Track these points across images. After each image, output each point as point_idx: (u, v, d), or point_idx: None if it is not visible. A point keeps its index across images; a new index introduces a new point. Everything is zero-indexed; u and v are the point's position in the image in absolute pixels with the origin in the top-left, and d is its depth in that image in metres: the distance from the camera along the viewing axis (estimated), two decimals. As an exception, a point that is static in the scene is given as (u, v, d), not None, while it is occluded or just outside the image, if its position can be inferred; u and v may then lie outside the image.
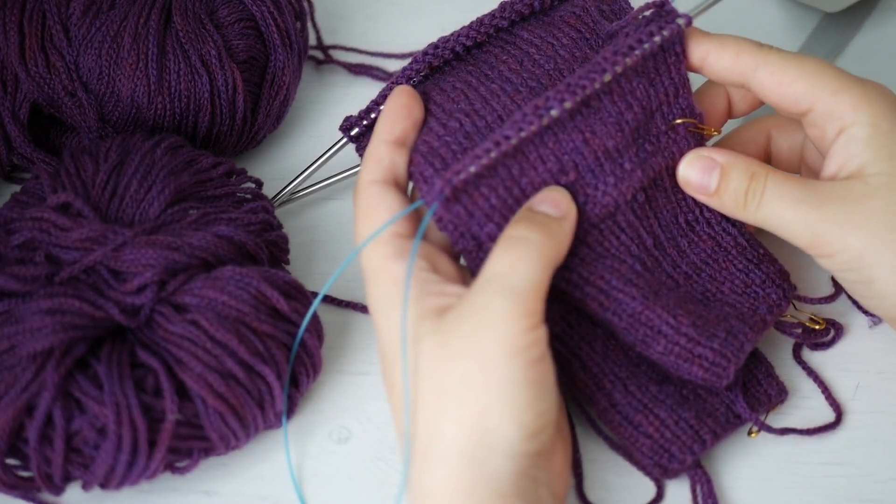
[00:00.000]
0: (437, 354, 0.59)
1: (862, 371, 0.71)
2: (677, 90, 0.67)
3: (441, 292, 0.61)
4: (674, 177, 0.68)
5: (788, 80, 0.65)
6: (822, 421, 0.69)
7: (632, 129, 0.66)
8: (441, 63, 0.73)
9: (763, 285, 0.68)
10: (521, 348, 0.58)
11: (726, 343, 0.65)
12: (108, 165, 0.71)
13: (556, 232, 0.63)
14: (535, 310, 0.60)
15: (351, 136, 0.73)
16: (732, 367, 0.65)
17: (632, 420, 0.65)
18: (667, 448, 0.65)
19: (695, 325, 0.65)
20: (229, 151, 0.82)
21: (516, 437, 0.58)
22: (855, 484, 0.66)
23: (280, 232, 0.74)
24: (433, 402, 0.59)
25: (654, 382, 0.66)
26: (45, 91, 0.78)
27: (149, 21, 0.77)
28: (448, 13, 0.94)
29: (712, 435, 0.65)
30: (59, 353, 0.63)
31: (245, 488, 0.68)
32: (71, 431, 0.63)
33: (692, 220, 0.69)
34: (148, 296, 0.66)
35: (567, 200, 0.65)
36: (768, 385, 0.68)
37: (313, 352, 0.68)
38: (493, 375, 0.58)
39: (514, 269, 0.60)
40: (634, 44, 0.64)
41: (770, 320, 0.68)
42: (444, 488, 0.58)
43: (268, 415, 0.66)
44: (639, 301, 0.65)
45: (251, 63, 0.80)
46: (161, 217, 0.70)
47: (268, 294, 0.67)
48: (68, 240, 0.67)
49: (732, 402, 0.66)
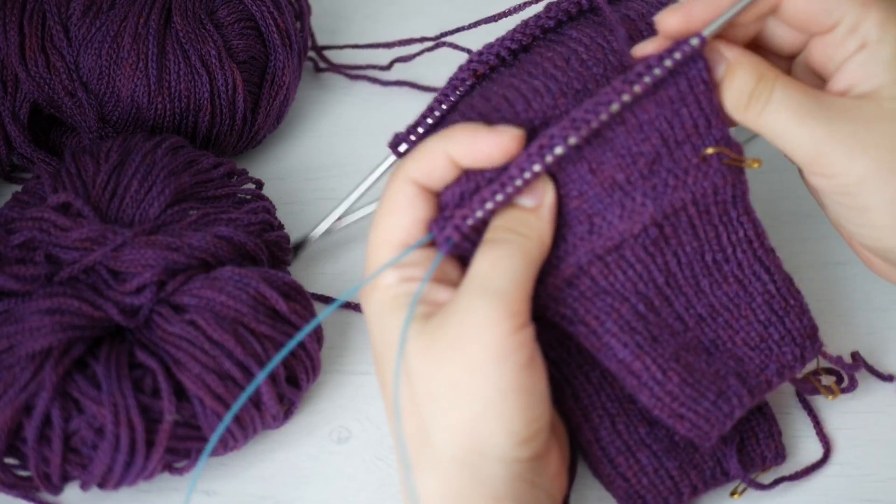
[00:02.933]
0: (424, 359, 0.58)
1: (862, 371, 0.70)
2: (708, 121, 0.62)
3: (427, 297, 0.60)
4: (705, 213, 0.63)
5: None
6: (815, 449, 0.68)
7: (648, 161, 0.61)
8: (487, 70, 0.68)
9: (780, 342, 0.64)
10: (507, 352, 0.56)
11: (713, 408, 0.62)
12: (108, 166, 0.71)
13: (535, 225, 0.60)
14: (520, 310, 0.57)
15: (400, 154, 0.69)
16: (715, 433, 0.62)
17: (612, 459, 0.64)
18: (641, 494, 0.63)
19: (684, 383, 0.61)
20: (229, 151, 0.82)
21: (507, 444, 0.57)
22: (855, 484, 0.66)
23: (280, 232, 0.74)
24: (423, 406, 0.58)
25: (645, 424, 0.65)
26: (46, 91, 0.78)
27: (149, 21, 0.77)
28: (447, 13, 0.94)
29: (691, 489, 0.63)
30: (58, 353, 0.63)
31: (245, 488, 0.68)
32: (69, 431, 0.63)
33: (721, 259, 0.64)
34: (147, 296, 0.66)
35: (541, 184, 0.61)
36: (766, 446, 0.65)
37: (313, 353, 0.68)
38: (480, 383, 0.56)
39: (494, 269, 0.58)
40: (643, 70, 0.60)
41: (776, 383, 0.64)
42: (438, 493, 0.57)
43: (265, 416, 0.66)
44: (629, 350, 0.61)
45: (251, 63, 0.80)
46: (161, 217, 0.70)
47: (267, 295, 0.67)
48: (68, 240, 0.67)
49: (724, 458, 0.65)
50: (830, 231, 0.71)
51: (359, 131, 0.86)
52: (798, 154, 0.61)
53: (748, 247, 0.64)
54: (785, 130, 0.61)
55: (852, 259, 0.71)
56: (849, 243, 0.66)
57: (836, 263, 0.76)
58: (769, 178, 0.75)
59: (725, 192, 0.63)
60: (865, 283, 0.74)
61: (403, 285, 0.60)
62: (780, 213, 0.78)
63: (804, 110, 0.60)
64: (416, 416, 0.58)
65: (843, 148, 0.60)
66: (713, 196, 0.63)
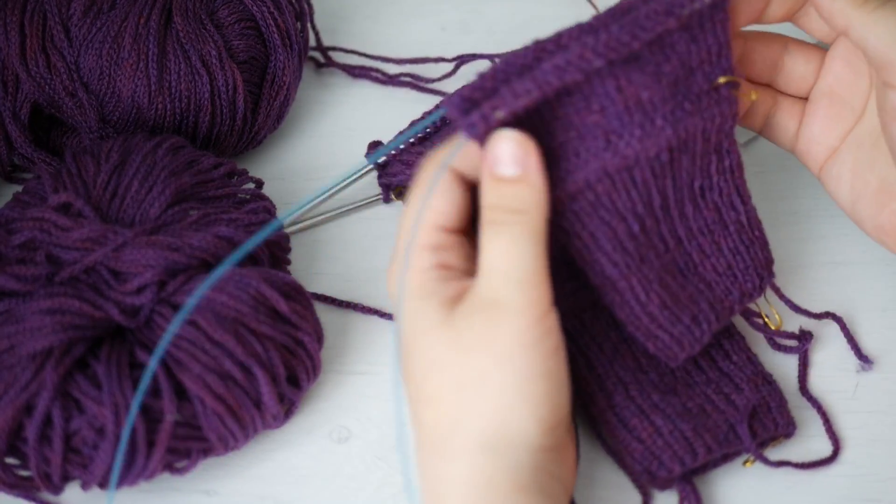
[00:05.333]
0: (451, 351, 0.58)
1: (862, 371, 0.71)
2: (720, 49, 0.63)
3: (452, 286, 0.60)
4: (707, 141, 0.64)
5: None
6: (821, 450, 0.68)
7: (670, 82, 0.62)
8: None
9: (744, 271, 0.67)
10: (535, 340, 0.58)
11: (686, 331, 0.64)
12: (109, 166, 0.71)
13: (530, 198, 0.59)
14: (542, 295, 0.58)
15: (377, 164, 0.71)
16: (684, 355, 0.65)
17: (627, 423, 0.65)
18: (657, 455, 0.64)
19: (663, 306, 0.64)
20: (229, 152, 0.82)
21: (534, 431, 0.58)
22: (855, 484, 0.66)
23: (281, 232, 0.74)
24: (451, 395, 0.58)
25: (658, 391, 0.66)
26: (46, 91, 0.78)
27: (149, 21, 0.77)
28: (448, 13, 0.95)
29: (706, 449, 0.64)
30: (59, 353, 0.63)
31: (245, 488, 0.68)
32: (70, 431, 0.63)
33: (706, 186, 0.65)
34: (147, 296, 0.66)
35: (520, 147, 0.59)
36: (778, 415, 0.66)
37: (313, 352, 0.68)
38: (509, 370, 0.57)
39: (509, 259, 0.58)
40: (686, 2, 0.61)
41: (737, 309, 0.67)
42: (465, 479, 0.58)
43: (265, 416, 0.66)
44: (618, 270, 0.63)
45: (251, 63, 0.80)
46: (161, 217, 0.70)
47: (267, 295, 0.67)
48: (69, 240, 0.67)
49: (737, 423, 0.65)
50: (830, 231, 0.71)
51: (359, 131, 0.86)
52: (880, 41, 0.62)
53: (730, 176, 0.66)
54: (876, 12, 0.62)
55: (852, 259, 0.71)
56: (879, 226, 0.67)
57: (836, 263, 0.76)
58: (769, 178, 0.75)
59: (728, 121, 0.64)
60: (865, 283, 0.74)
61: (435, 271, 0.60)
62: (779, 213, 0.78)
63: None
64: (440, 405, 0.59)
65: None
66: (718, 125, 0.64)
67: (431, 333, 0.59)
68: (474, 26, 0.94)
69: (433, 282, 0.60)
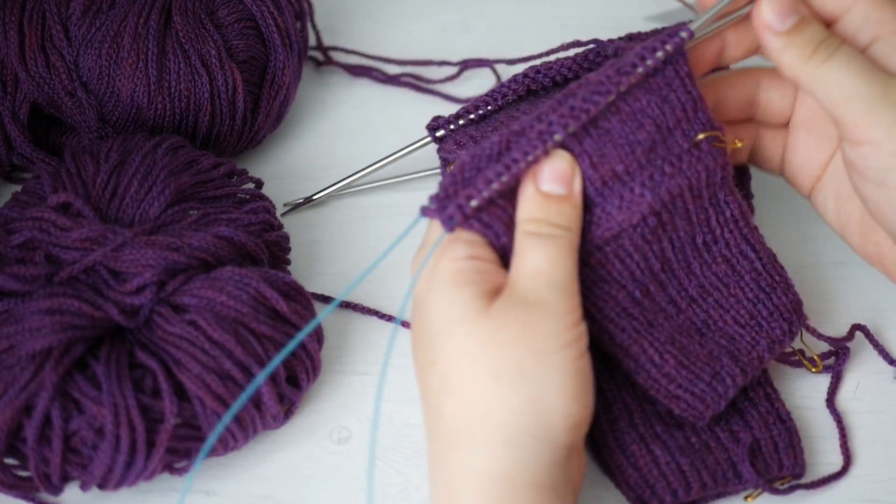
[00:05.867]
0: (488, 340, 0.59)
1: (862, 371, 0.71)
2: (694, 104, 0.64)
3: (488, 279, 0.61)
4: (698, 197, 0.65)
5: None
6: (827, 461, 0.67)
7: (645, 150, 0.63)
8: (539, 88, 0.73)
9: (769, 318, 0.66)
10: (570, 341, 0.60)
11: (708, 388, 0.64)
12: (108, 165, 0.71)
13: (573, 217, 0.63)
14: (578, 304, 0.61)
15: (436, 137, 0.75)
16: (709, 412, 0.64)
17: (626, 449, 0.65)
18: (651, 484, 0.64)
19: (680, 366, 0.64)
20: (229, 151, 0.82)
21: (560, 427, 0.59)
22: (855, 484, 0.66)
23: (281, 232, 0.74)
24: (482, 385, 0.59)
25: (662, 423, 0.66)
26: (45, 91, 0.78)
27: (149, 21, 0.77)
28: (448, 13, 0.95)
29: (700, 485, 0.64)
30: (58, 353, 0.63)
31: (245, 488, 0.68)
32: (69, 431, 0.63)
33: (710, 241, 0.66)
34: (147, 296, 0.66)
35: (571, 167, 0.63)
36: (785, 455, 0.66)
37: (313, 352, 0.68)
38: (547, 366, 0.59)
39: (555, 265, 0.61)
40: (637, 61, 0.63)
41: (767, 359, 0.66)
42: (484, 471, 0.58)
43: (265, 416, 0.66)
44: (627, 335, 0.64)
45: (251, 63, 0.80)
46: (161, 217, 0.70)
47: (267, 295, 0.67)
48: (68, 240, 0.67)
49: (738, 462, 0.65)
50: (830, 231, 0.71)
51: (359, 131, 0.86)
52: (850, 108, 0.62)
53: (734, 226, 0.66)
54: (844, 82, 0.62)
55: (852, 259, 0.71)
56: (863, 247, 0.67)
57: (836, 263, 0.76)
58: (769, 178, 0.75)
59: (716, 174, 0.65)
60: (865, 283, 0.74)
61: (471, 262, 0.61)
62: (779, 213, 0.78)
63: (865, 68, 0.62)
64: (466, 396, 0.59)
65: (893, 112, 0.61)
66: (706, 180, 0.64)
67: (466, 323, 0.60)
68: (474, 26, 0.94)
69: (470, 272, 0.61)
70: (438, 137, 0.76)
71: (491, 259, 0.62)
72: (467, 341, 0.60)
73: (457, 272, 0.61)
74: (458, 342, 0.60)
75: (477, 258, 0.61)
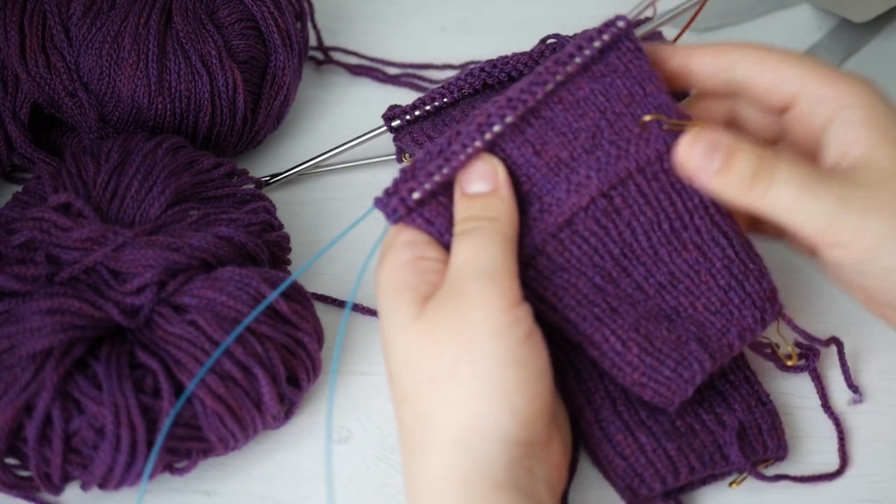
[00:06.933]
0: (425, 343, 0.59)
1: (862, 371, 0.71)
2: (643, 89, 0.64)
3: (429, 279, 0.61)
4: (654, 180, 0.65)
5: (772, 65, 0.62)
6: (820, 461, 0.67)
7: (588, 135, 0.64)
8: (495, 83, 0.74)
9: (741, 306, 0.65)
10: (504, 327, 0.58)
11: (673, 375, 0.63)
12: (109, 166, 0.71)
13: (499, 207, 0.62)
14: (509, 287, 0.60)
15: (391, 127, 0.76)
16: (677, 398, 0.63)
17: (612, 438, 0.65)
18: (639, 472, 0.64)
19: (643, 353, 0.63)
20: (229, 152, 0.82)
21: (508, 423, 0.58)
22: (855, 484, 0.66)
23: (281, 232, 0.74)
24: (426, 390, 0.59)
25: (646, 408, 0.66)
26: (46, 91, 0.78)
27: (149, 21, 0.77)
28: (448, 13, 0.95)
29: (689, 469, 0.64)
30: (59, 353, 0.63)
31: (245, 488, 0.68)
32: (69, 431, 0.63)
33: (679, 227, 0.65)
34: (147, 296, 0.66)
35: (492, 166, 0.63)
36: (769, 437, 0.66)
37: (313, 353, 0.68)
38: (480, 358, 0.58)
39: (479, 255, 0.60)
40: (574, 51, 0.64)
41: (738, 346, 0.65)
42: (440, 476, 0.58)
43: (266, 416, 0.66)
44: (589, 323, 0.64)
45: (251, 63, 0.80)
46: (161, 218, 0.70)
47: (267, 295, 0.67)
48: (69, 240, 0.67)
49: (725, 444, 0.65)
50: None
51: (359, 131, 0.86)
52: (810, 226, 0.60)
53: (705, 213, 0.65)
54: (794, 204, 0.59)
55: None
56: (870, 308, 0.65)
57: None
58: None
59: (665, 160, 0.65)
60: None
61: (411, 265, 0.61)
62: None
63: (810, 182, 0.59)
64: (415, 402, 0.59)
65: (855, 213, 0.59)
66: (659, 163, 0.65)
67: (406, 330, 0.60)
68: (474, 26, 0.94)
69: (410, 275, 0.61)
70: (394, 127, 0.77)
71: (437, 258, 0.62)
72: (409, 348, 0.60)
73: (396, 278, 0.61)
74: (401, 351, 0.60)
75: (421, 258, 0.61)
